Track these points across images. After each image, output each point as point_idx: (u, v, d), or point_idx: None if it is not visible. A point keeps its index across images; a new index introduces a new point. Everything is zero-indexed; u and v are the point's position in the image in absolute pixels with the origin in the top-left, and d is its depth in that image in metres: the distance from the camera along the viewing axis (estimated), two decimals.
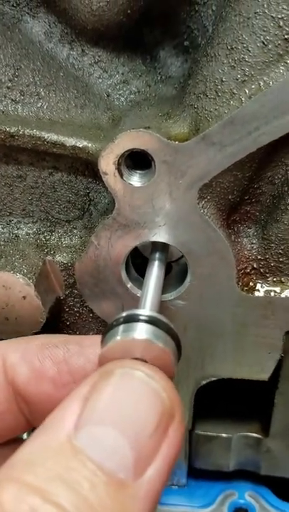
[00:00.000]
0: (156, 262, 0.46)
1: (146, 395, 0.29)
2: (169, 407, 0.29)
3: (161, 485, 0.27)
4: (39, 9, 0.45)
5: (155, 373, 0.30)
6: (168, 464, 0.28)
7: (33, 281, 0.45)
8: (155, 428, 0.28)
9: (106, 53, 0.46)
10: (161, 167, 0.40)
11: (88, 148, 0.43)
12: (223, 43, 0.39)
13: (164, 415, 0.28)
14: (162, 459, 0.27)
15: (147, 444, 0.27)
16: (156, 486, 0.27)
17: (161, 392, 0.29)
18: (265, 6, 0.36)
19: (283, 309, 0.47)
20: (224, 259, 0.45)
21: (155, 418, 0.28)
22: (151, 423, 0.28)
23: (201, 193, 0.42)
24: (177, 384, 0.55)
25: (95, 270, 0.47)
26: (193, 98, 0.41)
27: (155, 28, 0.48)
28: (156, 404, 0.28)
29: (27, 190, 0.48)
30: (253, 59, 0.37)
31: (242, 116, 0.37)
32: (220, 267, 0.45)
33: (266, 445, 0.60)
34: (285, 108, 0.37)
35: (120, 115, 0.46)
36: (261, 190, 0.45)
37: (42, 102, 0.45)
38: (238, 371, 0.53)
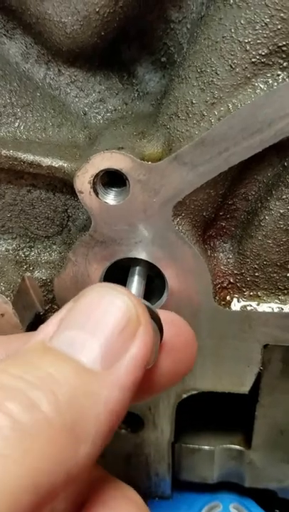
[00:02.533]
0: (136, 277, 0.46)
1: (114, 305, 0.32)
2: (134, 313, 0.32)
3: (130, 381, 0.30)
4: (15, 31, 0.45)
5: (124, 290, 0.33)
6: (137, 362, 0.31)
7: (11, 299, 0.45)
8: (122, 329, 0.31)
9: (82, 73, 0.47)
10: (135, 186, 0.41)
11: (64, 168, 0.43)
12: (194, 65, 0.39)
13: (131, 320, 0.32)
14: (131, 357, 0.31)
15: (115, 341, 0.31)
16: (125, 379, 0.30)
17: (129, 303, 0.32)
18: (232, 31, 0.37)
19: (260, 323, 0.48)
20: (200, 274, 0.45)
21: (122, 321, 0.32)
22: (119, 325, 0.31)
23: (176, 210, 0.43)
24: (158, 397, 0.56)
25: (73, 286, 0.48)
26: (166, 118, 0.42)
27: (132, 45, 0.48)
28: (123, 311, 0.32)
29: (6, 207, 0.48)
30: (221, 82, 0.38)
31: (212, 137, 0.38)
32: (196, 282, 0.46)
33: (249, 457, 0.61)
34: (253, 129, 0.37)
35: (97, 133, 0.47)
36: (236, 206, 0.46)
37: (19, 122, 0.45)
38: (218, 384, 0.53)
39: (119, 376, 0.30)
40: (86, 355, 0.30)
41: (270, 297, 0.47)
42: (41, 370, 0.28)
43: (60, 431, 0.27)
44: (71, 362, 0.30)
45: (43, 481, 0.25)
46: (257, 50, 0.37)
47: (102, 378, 0.30)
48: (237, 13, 0.37)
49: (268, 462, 0.60)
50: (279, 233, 0.44)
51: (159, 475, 0.65)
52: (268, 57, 0.37)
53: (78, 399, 0.28)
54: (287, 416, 0.56)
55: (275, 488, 0.63)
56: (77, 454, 0.27)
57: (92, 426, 0.28)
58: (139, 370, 0.31)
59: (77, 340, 0.31)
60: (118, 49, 0.47)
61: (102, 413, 0.29)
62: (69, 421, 0.27)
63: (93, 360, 0.30)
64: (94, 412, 0.28)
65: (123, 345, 0.31)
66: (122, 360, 0.31)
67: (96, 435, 0.28)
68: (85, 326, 0.31)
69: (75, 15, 0.42)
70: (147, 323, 0.33)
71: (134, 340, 0.31)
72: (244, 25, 0.37)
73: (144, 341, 0.32)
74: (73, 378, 0.29)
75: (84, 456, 0.28)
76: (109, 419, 0.29)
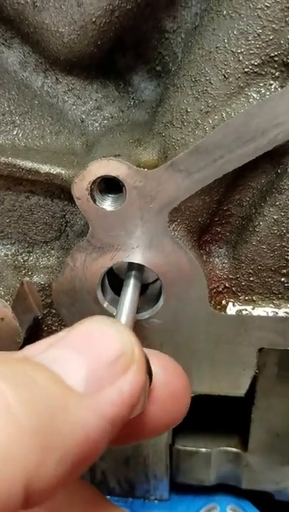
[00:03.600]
0: (132, 281, 0.47)
1: (110, 334, 0.31)
2: (130, 349, 0.31)
3: (112, 414, 0.28)
4: (14, 40, 0.46)
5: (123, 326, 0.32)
6: (124, 398, 0.29)
7: (10, 303, 0.46)
8: (114, 359, 0.29)
9: (79, 81, 0.47)
10: (131, 192, 0.42)
11: (62, 175, 0.44)
12: (188, 74, 0.40)
13: (125, 354, 0.30)
14: (117, 392, 0.29)
15: (104, 369, 0.29)
16: (107, 410, 0.28)
17: (127, 339, 0.31)
18: (225, 41, 0.38)
19: (255, 327, 0.49)
20: (196, 279, 0.46)
21: (115, 351, 0.30)
22: (111, 354, 0.30)
23: (171, 216, 0.43)
24: None
25: (71, 291, 0.48)
26: (162, 126, 0.43)
27: (128, 54, 0.49)
28: (119, 342, 0.30)
29: (5, 213, 0.49)
30: (215, 91, 0.39)
31: (206, 145, 0.39)
32: (192, 287, 0.46)
33: (245, 459, 0.61)
34: (246, 137, 0.38)
35: (94, 140, 0.48)
36: (230, 212, 0.47)
37: (17, 130, 0.46)
38: (214, 387, 0.54)
39: (102, 405, 0.28)
40: (69, 373, 0.28)
41: (264, 301, 0.48)
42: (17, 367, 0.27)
43: (25, 430, 0.24)
44: (51, 372, 0.28)
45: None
46: (250, 60, 0.38)
47: (82, 399, 0.28)
48: (230, 24, 0.38)
49: (264, 465, 0.61)
50: (273, 239, 0.44)
51: (157, 477, 0.65)
52: (261, 67, 0.38)
53: (52, 406, 0.26)
54: (283, 419, 0.56)
55: (271, 491, 0.63)
56: (40, 464, 0.24)
57: (62, 441, 0.26)
58: (124, 407, 0.29)
59: (62, 357, 0.29)
60: (114, 58, 0.48)
61: (75, 434, 0.27)
62: (37, 423, 0.25)
63: (76, 380, 0.28)
64: (67, 428, 0.26)
65: (112, 376, 0.29)
66: (108, 391, 0.29)
67: (65, 453, 0.26)
68: (74, 346, 0.30)
69: (72, 25, 0.43)
70: (142, 363, 0.31)
71: (124, 376, 0.30)
72: (237, 35, 0.38)
73: (136, 379, 0.30)
74: (50, 385, 0.27)
75: (48, 470, 0.25)
76: (83, 445, 0.27)
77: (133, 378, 0.30)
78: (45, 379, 0.27)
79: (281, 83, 0.39)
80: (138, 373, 0.30)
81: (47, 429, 0.25)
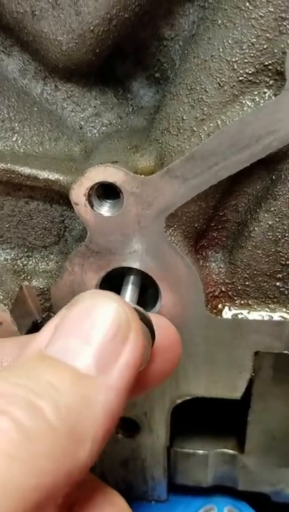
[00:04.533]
0: (129, 286, 0.48)
1: (105, 311, 0.34)
2: (125, 319, 0.34)
3: (124, 384, 0.32)
4: (13, 48, 0.47)
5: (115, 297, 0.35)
6: (129, 366, 0.33)
7: (9, 307, 0.47)
8: (114, 335, 0.33)
9: (78, 88, 0.48)
10: (129, 198, 0.42)
11: (60, 181, 0.45)
12: (184, 83, 0.41)
13: (122, 326, 0.34)
14: (124, 361, 0.33)
15: (107, 347, 0.33)
16: (119, 382, 0.32)
17: (119, 309, 0.34)
18: (220, 50, 0.39)
19: (251, 331, 0.49)
20: (192, 284, 0.47)
21: (113, 327, 0.33)
22: (110, 331, 0.33)
23: (168, 221, 0.44)
24: (153, 402, 0.57)
25: (70, 295, 0.49)
26: (158, 133, 0.43)
27: (127, 61, 0.50)
28: (114, 317, 0.34)
29: (4, 218, 0.50)
30: (210, 99, 0.40)
31: (202, 152, 0.39)
32: (189, 291, 0.47)
33: (242, 461, 0.62)
34: (241, 145, 0.39)
35: (92, 147, 0.48)
36: (226, 217, 0.47)
37: (17, 136, 0.47)
38: (211, 390, 0.55)
39: (114, 380, 0.32)
40: (80, 362, 0.32)
41: (260, 306, 0.49)
42: (41, 378, 0.30)
43: (62, 435, 0.28)
44: (67, 369, 0.31)
45: (47, 481, 0.27)
46: (244, 69, 0.39)
47: (97, 383, 0.31)
48: (225, 33, 0.39)
49: (260, 466, 0.62)
50: (268, 244, 0.45)
51: (155, 479, 0.66)
52: (255, 75, 0.39)
53: (76, 404, 0.30)
54: (278, 421, 0.57)
55: (268, 492, 0.64)
56: (77, 456, 0.29)
57: (90, 429, 0.30)
58: (132, 373, 0.33)
59: (71, 347, 0.32)
60: (113, 65, 0.49)
61: (99, 416, 0.30)
62: (69, 425, 0.29)
63: (88, 366, 0.32)
64: (91, 416, 0.30)
65: (115, 351, 0.33)
66: (116, 365, 0.32)
67: (94, 437, 0.30)
68: (78, 333, 0.33)
69: (70, 33, 0.43)
70: (138, 328, 0.35)
71: (125, 346, 0.33)
72: (232, 44, 0.38)
73: (135, 346, 0.34)
74: (70, 385, 0.30)
75: (83, 457, 0.29)
76: (106, 422, 0.31)
77: (133, 346, 0.33)
78: (64, 380, 0.30)
79: (275, 91, 0.39)
80: (136, 340, 0.34)
81: (76, 425, 0.29)
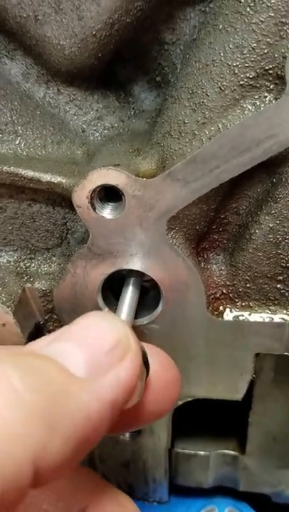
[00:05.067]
0: (130, 288, 0.48)
1: (106, 326, 0.33)
2: (125, 338, 0.33)
3: (111, 398, 0.31)
4: (16, 52, 0.47)
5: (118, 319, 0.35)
6: (121, 385, 0.31)
7: (12, 309, 0.47)
8: (111, 348, 0.32)
9: (80, 92, 0.49)
10: (131, 201, 0.43)
11: (63, 184, 0.45)
12: (185, 87, 0.41)
13: (121, 344, 0.33)
14: (115, 377, 0.31)
15: (101, 357, 0.31)
16: (106, 394, 0.30)
17: (122, 329, 0.34)
18: (221, 54, 0.39)
19: (252, 333, 0.50)
20: (194, 286, 0.47)
21: (111, 341, 0.32)
22: (107, 344, 0.32)
23: (170, 224, 0.44)
24: None
25: (72, 297, 0.49)
26: (160, 137, 0.44)
27: (128, 65, 0.50)
28: (114, 333, 0.33)
29: (7, 220, 0.50)
30: (211, 103, 0.40)
31: (203, 155, 0.40)
32: (190, 293, 0.47)
33: (243, 462, 0.62)
34: (242, 148, 0.39)
35: (94, 150, 0.49)
36: (227, 220, 0.48)
37: (20, 140, 0.47)
38: (212, 392, 0.55)
39: (102, 390, 0.30)
40: (70, 362, 0.30)
41: (261, 307, 0.49)
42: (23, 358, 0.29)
43: (32, 411, 0.26)
44: (54, 361, 0.30)
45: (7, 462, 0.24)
46: (245, 73, 0.39)
47: (83, 384, 0.30)
48: (226, 38, 0.39)
49: (261, 467, 0.62)
50: (269, 246, 0.45)
51: (156, 480, 0.66)
52: (256, 79, 0.39)
53: (56, 390, 0.28)
54: (279, 423, 0.57)
55: (269, 493, 0.64)
56: (47, 442, 0.26)
57: (66, 421, 0.28)
58: (122, 392, 0.31)
59: (64, 349, 0.31)
60: (115, 69, 0.49)
61: (78, 415, 0.29)
62: (43, 405, 0.27)
63: (77, 367, 0.30)
64: (70, 410, 0.28)
65: (109, 364, 0.31)
66: (107, 377, 0.31)
67: (69, 433, 0.28)
68: (74, 340, 0.32)
69: (72, 38, 0.44)
70: (137, 351, 0.34)
71: (121, 363, 0.32)
72: (232, 49, 0.39)
73: (132, 366, 0.32)
74: (54, 372, 0.29)
75: (54, 449, 0.27)
76: (85, 426, 0.29)
77: (129, 365, 0.32)
78: (49, 366, 0.29)
79: (275, 95, 0.40)
80: (134, 361, 0.33)
81: (51, 411, 0.27)
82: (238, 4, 0.38)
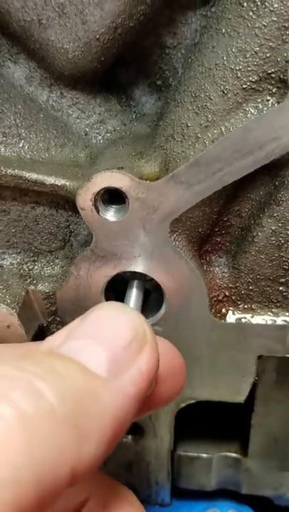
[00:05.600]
0: (134, 290, 0.48)
1: (122, 319, 0.33)
2: (141, 330, 0.33)
3: (135, 392, 0.31)
4: (20, 56, 0.48)
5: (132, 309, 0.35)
6: (143, 376, 0.32)
7: (17, 311, 0.47)
8: (129, 342, 0.32)
9: (83, 95, 0.49)
10: (134, 203, 0.43)
11: (66, 186, 0.45)
12: (188, 90, 0.42)
13: (138, 336, 0.33)
14: (138, 370, 0.32)
15: (121, 352, 0.32)
16: (130, 390, 0.31)
17: (137, 321, 0.34)
18: (224, 58, 0.39)
19: (255, 335, 0.50)
20: (196, 288, 0.47)
21: (129, 335, 0.32)
22: (126, 338, 0.32)
23: (173, 226, 0.45)
24: None
25: (75, 299, 0.50)
26: (163, 140, 0.44)
27: (130, 69, 0.51)
28: (131, 326, 0.33)
29: (11, 223, 0.50)
30: (214, 106, 0.40)
31: (206, 158, 0.40)
32: (193, 296, 0.48)
33: (245, 465, 0.62)
34: (245, 151, 0.39)
35: (97, 153, 0.49)
36: (230, 222, 0.48)
37: (23, 143, 0.47)
38: (215, 394, 0.55)
39: (125, 385, 0.31)
40: (92, 361, 0.31)
41: (263, 310, 0.49)
42: (47, 364, 0.29)
43: (64, 422, 0.26)
44: (77, 363, 0.30)
45: (47, 474, 0.25)
46: (248, 77, 0.39)
47: (107, 383, 0.30)
48: (229, 42, 0.39)
49: (263, 470, 0.62)
50: (271, 249, 0.45)
51: (158, 482, 0.66)
52: (258, 83, 0.39)
53: (83, 395, 0.28)
54: (281, 425, 0.57)
55: (270, 496, 0.64)
56: (80, 451, 0.27)
57: (96, 426, 0.28)
58: (144, 384, 0.32)
59: (83, 348, 0.31)
60: (117, 73, 0.50)
61: (106, 416, 0.29)
62: (73, 414, 0.27)
63: (98, 367, 0.31)
64: (98, 413, 0.29)
65: (129, 358, 0.32)
66: (128, 371, 0.31)
67: (100, 436, 0.28)
68: (91, 335, 0.32)
69: (76, 42, 0.44)
70: (154, 341, 0.34)
71: (140, 355, 0.32)
72: (235, 53, 0.39)
73: (150, 357, 0.33)
74: (79, 376, 0.29)
75: (88, 455, 0.27)
76: (113, 425, 0.29)
77: (148, 357, 0.33)
78: (72, 371, 0.29)
79: (278, 99, 0.40)
80: (152, 352, 0.33)
81: (82, 419, 0.28)
82: (240, 9, 0.38)
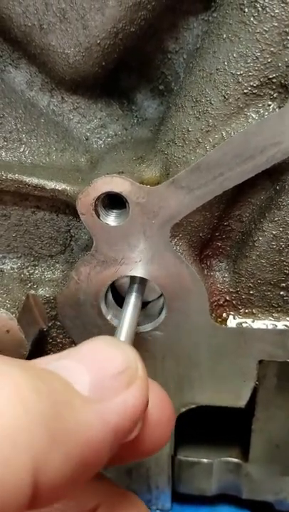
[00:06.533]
0: (134, 295, 0.48)
1: (115, 351, 0.32)
2: (134, 365, 0.32)
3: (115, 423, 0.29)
4: (21, 61, 0.48)
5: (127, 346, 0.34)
6: (127, 410, 0.30)
7: (16, 316, 0.47)
8: (118, 373, 0.30)
9: (84, 100, 0.49)
10: (134, 208, 0.43)
11: (67, 191, 0.45)
12: (189, 95, 0.42)
13: (129, 370, 0.31)
14: (122, 403, 0.30)
15: (108, 381, 0.30)
16: (111, 418, 0.29)
17: (130, 354, 0.32)
18: (225, 63, 0.39)
19: (255, 339, 0.50)
20: (197, 292, 0.47)
21: (119, 366, 0.31)
22: (115, 368, 0.31)
23: (173, 231, 0.44)
24: None
25: (75, 303, 0.50)
26: (164, 145, 0.44)
27: (131, 74, 0.51)
28: (123, 358, 0.31)
29: (11, 227, 0.50)
30: (215, 111, 0.40)
31: (207, 163, 0.40)
32: (193, 300, 0.48)
33: (246, 470, 0.62)
34: (246, 156, 0.39)
35: (98, 157, 0.49)
36: (231, 227, 0.48)
37: (24, 147, 0.47)
38: (215, 399, 0.55)
39: (106, 411, 0.29)
40: (76, 380, 0.29)
41: (264, 314, 0.49)
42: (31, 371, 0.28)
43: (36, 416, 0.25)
44: (60, 377, 0.29)
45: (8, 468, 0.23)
46: (249, 82, 0.39)
47: (87, 402, 0.28)
48: (230, 47, 0.39)
49: (264, 475, 0.62)
50: (272, 253, 0.45)
51: (159, 487, 0.66)
52: (259, 88, 0.39)
53: (60, 400, 0.27)
54: (282, 430, 0.57)
55: (271, 501, 0.64)
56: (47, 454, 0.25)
57: (68, 436, 0.26)
58: (128, 420, 0.30)
59: (70, 367, 0.30)
60: (118, 77, 0.50)
61: (79, 433, 0.27)
62: (46, 413, 0.25)
63: (82, 385, 0.29)
64: (72, 425, 0.27)
65: (116, 389, 0.30)
66: (113, 401, 0.30)
67: (71, 450, 0.26)
68: (80, 359, 0.31)
69: (77, 46, 0.44)
70: (145, 380, 0.32)
71: (128, 389, 0.30)
72: (236, 58, 0.39)
73: (140, 395, 0.31)
74: (59, 386, 0.28)
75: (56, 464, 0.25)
76: (87, 445, 0.27)
77: (137, 393, 0.31)
78: (54, 380, 0.28)
79: (279, 104, 0.40)
80: (141, 389, 0.31)
81: (55, 421, 0.26)
82: (242, 14, 0.38)
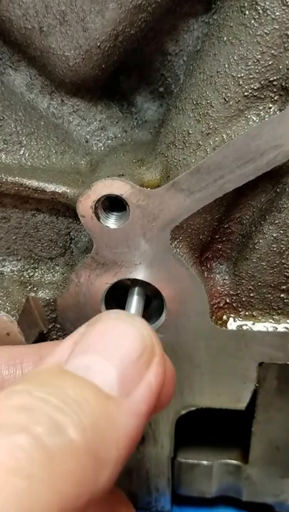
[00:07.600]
0: (135, 296, 0.48)
1: (130, 332, 0.33)
2: (150, 343, 0.33)
3: (145, 409, 0.31)
4: (21, 63, 0.48)
5: (139, 319, 0.35)
6: (153, 391, 0.32)
7: (16, 318, 0.47)
8: (138, 357, 0.32)
9: (84, 102, 0.49)
10: (135, 211, 0.43)
11: (67, 194, 0.45)
12: (190, 98, 0.42)
13: (146, 349, 0.32)
14: (147, 386, 0.32)
15: (131, 368, 0.32)
16: (141, 407, 0.31)
17: (144, 331, 0.33)
18: (226, 66, 0.39)
19: (256, 342, 0.50)
20: (197, 295, 0.47)
21: (138, 349, 0.32)
22: (135, 352, 0.32)
23: (173, 234, 0.44)
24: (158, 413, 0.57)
25: (75, 306, 0.50)
26: (164, 147, 0.44)
27: (131, 76, 0.51)
28: (139, 339, 0.33)
29: (11, 230, 0.50)
30: (216, 114, 0.40)
31: (207, 165, 0.40)
32: (194, 303, 0.48)
33: (246, 472, 0.62)
34: (246, 158, 0.39)
35: (98, 160, 0.49)
36: (231, 229, 0.48)
37: (24, 150, 0.47)
38: (215, 401, 0.55)
39: (136, 404, 0.31)
40: (103, 381, 0.30)
41: (264, 317, 0.49)
42: (63, 393, 0.29)
43: (85, 455, 0.27)
44: (90, 386, 0.30)
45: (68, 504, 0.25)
46: (249, 85, 0.39)
47: (120, 405, 0.30)
48: (230, 50, 0.39)
49: (264, 477, 0.62)
50: (272, 256, 0.45)
51: (159, 489, 0.66)
52: (260, 91, 0.39)
53: (100, 424, 0.28)
54: (282, 432, 0.57)
55: (271, 503, 0.64)
56: (99, 478, 0.27)
57: (112, 452, 0.29)
58: (154, 398, 0.32)
59: (93, 365, 0.31)
60: (118, 80, 0.50)
61: (121, 439, 0.29)
62: (92, 446, 0.27)
63: (110, 386, 0.30)
64: (114, 438, 0.29)
65: (139, 374, 0.32)
66: (139, 389, 0.31)
67: (116, 461, 0.29)
68: (100, 351, 0.32)
69: (77, 49, 0.44)
70: (162, 353, 0.34)
71: (149, 370, 0.32)
72: (237, 61, 0.39)
73: (158, 372, 0.33)
74: (93, 402, 0.29)
75: (105, 480, 0.28)
76: (127, 445, 0.30)
77: (157, 371, 0.33)
78: (86, 394, 0.29)
79: (280, 106, 0.40)
80: (160, 365, 0.33)
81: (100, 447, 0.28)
82: (242, 17, 0.38)
